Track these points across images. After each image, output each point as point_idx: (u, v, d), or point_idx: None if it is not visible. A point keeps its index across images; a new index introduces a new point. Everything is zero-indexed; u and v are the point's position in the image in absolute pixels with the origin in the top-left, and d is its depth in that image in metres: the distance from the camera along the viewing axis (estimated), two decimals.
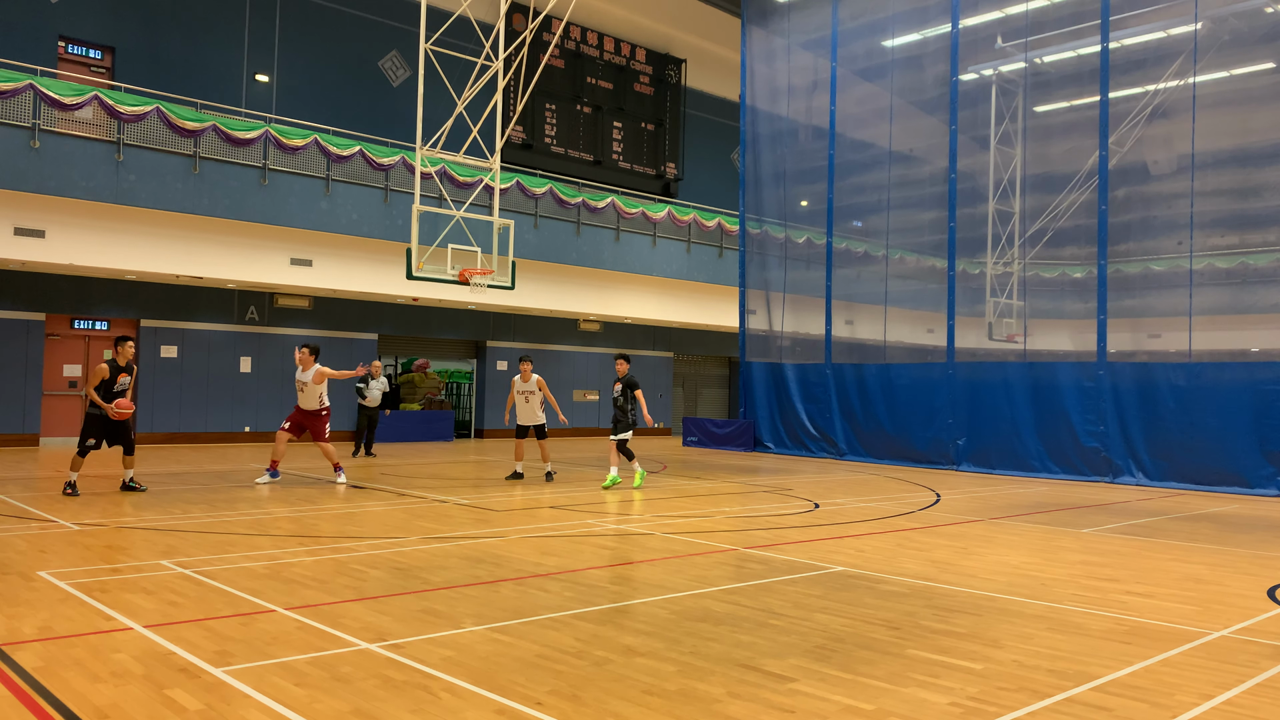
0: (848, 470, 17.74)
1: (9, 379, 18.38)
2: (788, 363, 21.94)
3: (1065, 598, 6.82)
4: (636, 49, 27.81)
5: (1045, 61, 19.79)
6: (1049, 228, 19.23)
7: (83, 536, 8.38)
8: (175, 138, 17.43)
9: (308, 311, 21.98)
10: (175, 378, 20.23)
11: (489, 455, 19.29)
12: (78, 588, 6.35)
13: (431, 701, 4.27)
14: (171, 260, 17.87)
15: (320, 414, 13.17)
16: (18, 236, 16.27)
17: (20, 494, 11.22)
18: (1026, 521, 11.12)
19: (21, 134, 15.96)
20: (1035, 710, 4.33)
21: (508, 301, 22.10)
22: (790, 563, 7.93)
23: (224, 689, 4.37)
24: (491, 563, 7.65)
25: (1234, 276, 18.34)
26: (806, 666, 4.91)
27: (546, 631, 5.51)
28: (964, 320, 19.32)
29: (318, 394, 13.06)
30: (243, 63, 21.11)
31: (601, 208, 23.58)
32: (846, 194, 21.32)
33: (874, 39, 21.42)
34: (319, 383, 13.03)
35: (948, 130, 19.22)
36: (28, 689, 4.30)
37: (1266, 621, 6.20)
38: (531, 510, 10.83)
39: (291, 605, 6.00)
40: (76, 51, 19.55)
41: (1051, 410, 17.06)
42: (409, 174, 19.46)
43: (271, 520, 9.76)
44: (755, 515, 11.09)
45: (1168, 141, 17.38)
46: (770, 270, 22.86)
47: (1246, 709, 4.42)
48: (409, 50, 21.34)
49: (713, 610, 6.14)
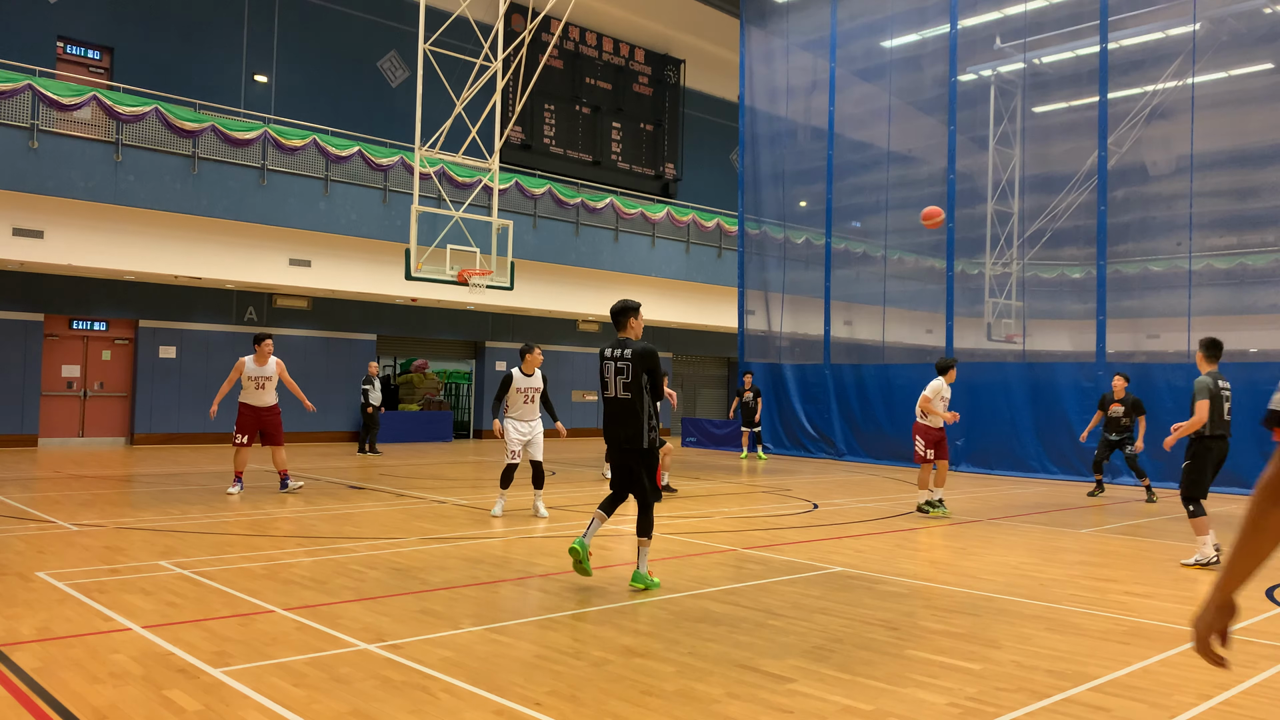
0: (847, 471, 17.74)
1: (7, 379, 18.36)
2: (786, 363, 21.94)
3: (1064, 598, 6.82)
4: (635, 49, 27.82)
5: (1044, 62, 19.80)
6: (1048, 228, 19.24)
7: (81, 537, 8.38)
8: (174, 138, 17.43)
9: (306, 312, 21.97)
10: (174, 378, 20.22)
11: (488, 455, 19.28)
12: (76, 588, 6.34)
13: (430, 702, 4.26)
14: (170, 261, 17.86)
15: (277, 410, 12.07)
16: (16, 237, 16.26)
17: (19, 495, 11.21)
18: (1025, 522, 11.12)
19: (20, 134, 15.96)
20: (1034, 710, 4.33)
21: (506, 302, 22.10)
22: (789, 563, 7.92)
23: (222, 689, 4.36)
24: (490, 563, 7.65)
25: (1232, 277, 18.36)
26: (805, 667, 4.91)
27: (545, 632, 5.51)
28: (963, 321, 19.31)
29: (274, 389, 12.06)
30: (241, 63, 21.10)
31: (600, 208, 23.58)
32: (845, 194, 21.32)
33: (873, 39, 21.43)
34: (281, 375, 12.01)
35: (946, 131, 19.23)
36: (26, 690, 4.30)
37: (1265, 622, 6.21)
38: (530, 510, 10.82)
39: (290, 606, 6.00)
40: (75, 52, 19.55)
41: (1050, 411, 17.06)
42: (408, 174, 19.46)
43: (270, 521, 9.75)
44: (754, 516, 11.09)
45: (1166, 142, 17.39)
46: (769, 271, 22.86)
47: (1245, 709, 4.42)
48: (408, 51, 21.33)
49: (711, 611, 6.13)
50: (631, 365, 6.63)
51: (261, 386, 11.90)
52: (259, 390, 11.90)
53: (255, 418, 11.92)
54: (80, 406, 19.65)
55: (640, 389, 6.64)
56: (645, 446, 6.65)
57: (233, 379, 11.93)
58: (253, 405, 11.92)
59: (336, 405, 21.93)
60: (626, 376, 6.66)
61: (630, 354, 6.65)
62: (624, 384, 6.67)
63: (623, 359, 6.68)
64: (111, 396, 19.95)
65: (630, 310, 6.88)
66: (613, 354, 6.75)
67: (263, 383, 11.90)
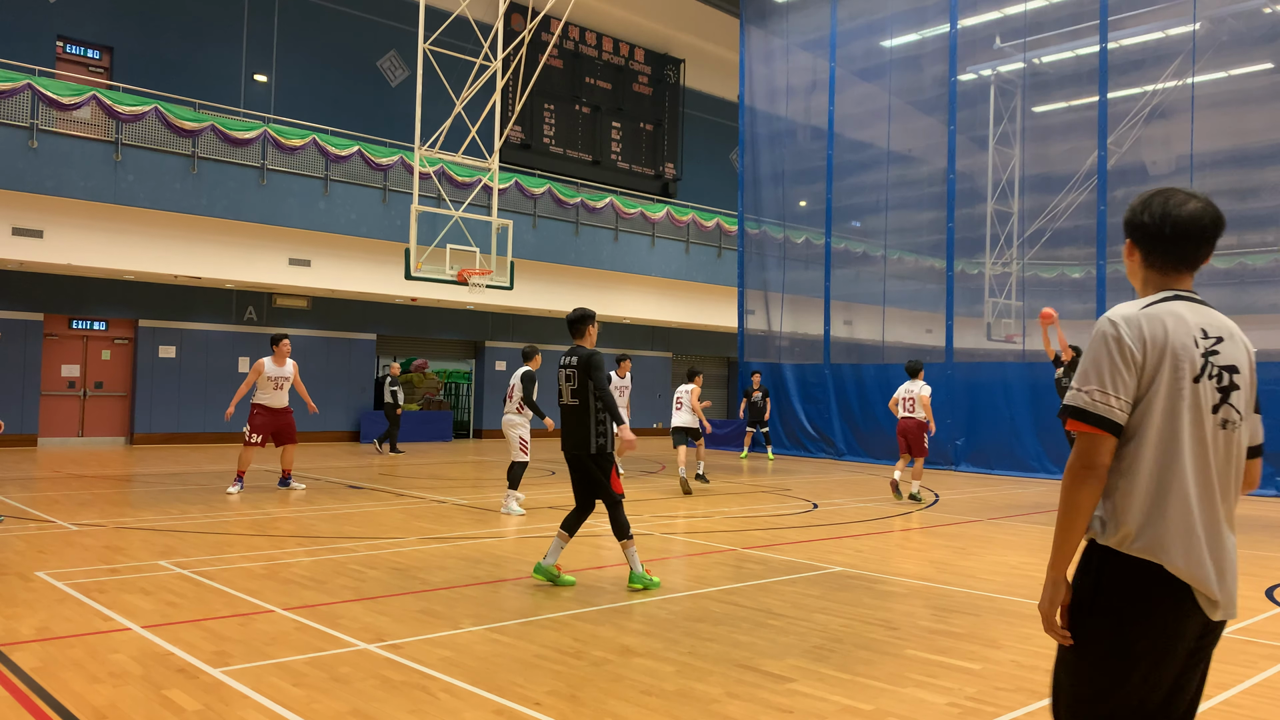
0: (846, 470, 17.74)
1: (7, 379, 18.36)
2: (786, 363, 21.93)
3: None
4: (635, 49, 27.82)
5: (1044, 62, 19.80)
6: (1047, 228, 19.24)
7: (81, 537, 8.37)
8: (173, 138, 17.42)
9: (306, 312, 21.96)
10: (173, 378, 20.22)
11: (487, 455, 19.29)
12: (76, 588, 6.34)
13: (430, 702, 4.26)
14: (170, 260, 17.86)
15: (290, 411, 12.10)
16: (16, 237, 16.25)
17: (19, 494, 11.20)
18: (1025, 521, 11.12)
19: (20, 134, 15.95)
20: (1033, 710, 4.33)
21: (506, 302, 22.09)
22: (789, 563, 7.92)
23: (222, 689, 4.36)
24: (490, 563, 7.65)
25: (1232, 277, 18.35)
26: (805, 666, 4.91)
27: (545, 632, 5.51)
28: (962, 320, 19.31)
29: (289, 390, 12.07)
30: (241, 63, 21.10)
31: (600, 208, 23.57)
32: (845, 194, 21.32)
33: (872, 39, 21.42)
34: (294, 377, 11.99)
35: (946, 130, 19.22)
36: (26, 689, 4.30)
37: (1264, 622, 6.21)
38: (530, 510, 10.82)
39: (290, 606, 6.00)
40: (75, 51, 19.54)
41: (1050, 411, 17.04)
42: (407, 174, 19.45)
43: (269, 521, 9.75)
44: (754, 515, 11.09)
45: (1166, 142, 17.38)
46: (769, 270, 22.85)
47: (1245, 709, 4.42)
48: (407, 50, 21.33)
49: (711, 610, 6.13)
50: (578, 372, 6.79)
51: (280, 387, 11.89)
52: (277, 391, 11.88)
53: (271, 419, 11.88)
54: (80, 406, 19.64)
55: (586, 395, 6.76)
56: (593, 452, 6.76)
57: (251, 380, 11.88)
58: (269, 406, 11.86)
59: (336, 405, 21.93)
60: (574, 384, 6.81)
61: (576, 361, 6.82)
62: (572, 390, 6.83)
63: (570, 366, 6.84)
64: (111, 396, 19.95)
65: (588, 319, 7.01)
66: (564, 362, 6.92)
67: (282, 383, 11.88)
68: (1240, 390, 2.38)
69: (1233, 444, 2.37)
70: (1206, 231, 2.40)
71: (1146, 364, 2.31)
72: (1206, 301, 2.45)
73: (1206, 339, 2.35)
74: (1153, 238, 2.44)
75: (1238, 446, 2.38)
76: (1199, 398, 2.32)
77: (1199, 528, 2.29)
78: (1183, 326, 2.33)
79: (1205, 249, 2.43)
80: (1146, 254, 2.47)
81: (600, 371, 6.75)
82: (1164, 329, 2.32)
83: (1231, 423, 2.36)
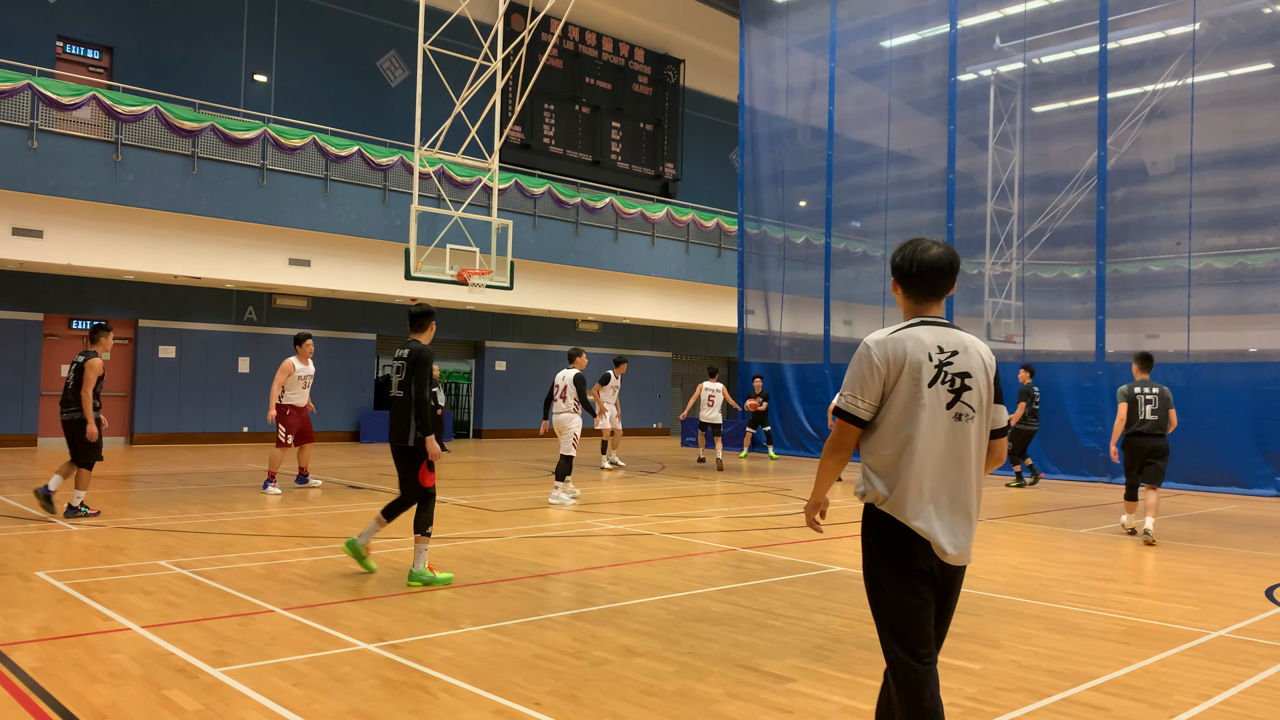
0: (846, 470, 17.71)
1: (7, 379, 18.36)
2: (786, 363, 21.94)
3: (1063, 598, 6.82)
4: (635, 49, 27.81)
5: (1043, 62, 19.80)
6: (1047, 228, 19.24)
7: (80, 537, 8.37)
8: (173, 138, 17.41)
9: (306, 312, 21.96)
10: (173, 378, 20.22)
11: (487, 455, 19.29)
12: (75, 588, 6.34)
13: (430, 702, 4.26)
14: (170, 260, 17.85)
15: (309, 409, 12.35)
16: (15, 236, 16.25)
17: (18, 494, 11.20)
18: (1025, 521, 11.12)
19: (19, 134, 15.95)
20: (1033, 710, 4.33)
21: (506, 302, 22.09)
22: (789, 563, 7.93)
23: (222, 689, 4.36)
24: (490, 563, 7.65)
25: (1232, 277, 18.35)
26: (805, 666, 4.91)
27: (545, 632, 5.51)
28: (962, 320, 19.27)
29: None
30: (241, 63, 21.10)
31: (600, 208, 23.57)
32: (845, 194, 21.32)
33: (872, 39, 21.42)
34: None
35: (946, 130, 19.23)
36: (26, 689, 4.30)
37: (1264, 621, 6.21)
38: (530, 510, 10.83)
39: (289, 605, 6.00)
40: (75, 51, 19.53)
41: (1050, 410, 17.06)
42: (407, 174, 19.45)
43: (269, 520, 9.75)
44: (754, 515, 11.09)
45: (1166, 142, 17.39)
46: (769, 270, 22.85)
47: (1244, 709, 4.43)
48: (407, 50, 21.33)
49: (711, 610, 6.13)
50: (406, 366, 6.89)
51: (307, 386, 12.18)
52: (304, 389, 12.15)
53: (300, 418, 12.15)
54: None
55: (409, 389, 6.85)
56: (410, 444, 6.84)
57: (282, 380, 12.02)
58: (298, 406, 12.12)
59: (336, 405, 21.93)
60: (402, 376, 6.92)
61: (408, 354, 6.91)
62: (399, 383, 6.95)
63: (402, 359, 6.95)
64: (111, 396, 19.93)
65: (429, 315, 7.12)
66: (398, 354, 7.02)
67: (308, 382, 12.19)
68: (973, 390, 3.04)
69: (969, 432, 3.03)
70: (945, 270, 3.11)
71: (889, 375, 3.00)
72: (950, 323, 3.11)
73: (942, 353, 3.02)
74: (906, 276, 3.15)
75: (977, 433, 3.05)
76: (936, 398, 2.99)
77: (927, 493, 2.97)
78: (920, 346, 3.02)
79: (945, 282, 3.12)
80: (905, 288, 3.17)
81: (424, 369, 6.85)
82: (904, 349, 3.01)
83: (965, 415, 3.02)
